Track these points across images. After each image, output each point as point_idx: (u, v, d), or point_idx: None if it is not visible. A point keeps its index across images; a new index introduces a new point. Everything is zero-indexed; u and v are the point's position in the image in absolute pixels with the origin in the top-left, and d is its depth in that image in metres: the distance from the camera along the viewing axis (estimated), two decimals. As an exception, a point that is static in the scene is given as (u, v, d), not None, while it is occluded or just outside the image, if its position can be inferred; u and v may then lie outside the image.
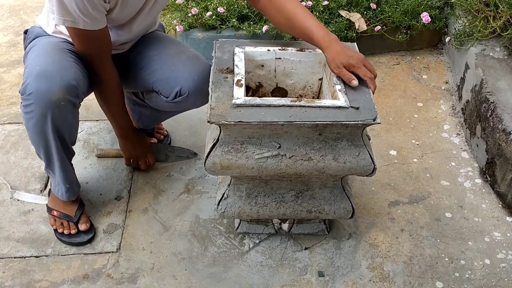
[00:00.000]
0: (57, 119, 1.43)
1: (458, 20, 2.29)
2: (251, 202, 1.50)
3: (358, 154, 1.34)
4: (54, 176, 1.62)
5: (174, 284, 1.54)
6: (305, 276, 1.57)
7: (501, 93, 1.89)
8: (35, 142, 1.53)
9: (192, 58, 1.63)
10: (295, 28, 1.44)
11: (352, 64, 1.34)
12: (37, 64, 1.42)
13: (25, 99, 1.42)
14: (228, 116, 1.26)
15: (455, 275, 1.58)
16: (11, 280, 1.54)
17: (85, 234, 1.66)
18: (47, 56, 1.47)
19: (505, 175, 1.77)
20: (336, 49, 1.36)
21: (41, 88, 1.38)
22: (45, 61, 1.43)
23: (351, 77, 1.34)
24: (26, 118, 1.46)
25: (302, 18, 1.41)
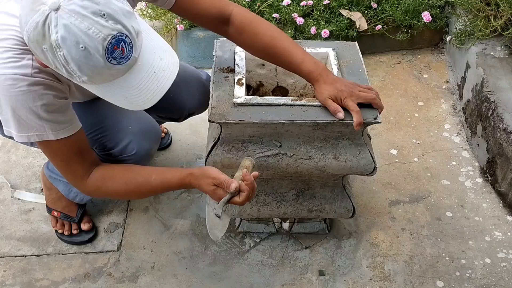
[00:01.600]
0: None
1: (459, 19, 2.29)
2: (252, 201, 1.50)
3: (359, 153, 1.34)
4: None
5: (175, 283, 1.55)
6: (305, 275, 1.58)
7: (502, 92, 1.89)
8: None
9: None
10: (278, 60, 1.34)
11: (340, 97, 1.26)
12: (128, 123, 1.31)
13: (124, 158, 1.39)
14: (229, 115, 1.26)
15: (456, 274, 1.58)
16: (12, 279, 1.55)
17: (86, 233, 1.66)
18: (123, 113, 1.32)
19: (505, 175, 1.77)
20: (325, 82, 1.27)
21: (143, 147, 1.34)
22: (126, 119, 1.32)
23: (337, 110, 1.25)
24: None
25: (284, 51, 1.30)
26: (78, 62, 0.93)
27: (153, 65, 1.03)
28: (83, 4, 0.90)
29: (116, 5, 0.94)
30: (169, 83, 1.05)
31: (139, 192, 1.30)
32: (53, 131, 1.14)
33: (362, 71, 1.43)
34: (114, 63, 0.95)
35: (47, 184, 1.65)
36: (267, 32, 1.32)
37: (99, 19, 0.91)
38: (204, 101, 1.59)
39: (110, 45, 0.93)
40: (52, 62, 0.96)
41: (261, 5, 2.35)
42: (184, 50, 2.42)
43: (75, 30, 0.90)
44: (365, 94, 1.28)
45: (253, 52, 1.38)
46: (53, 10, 0.90)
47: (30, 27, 0.92)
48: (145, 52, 1.02)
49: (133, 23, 0.97)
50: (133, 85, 1.02)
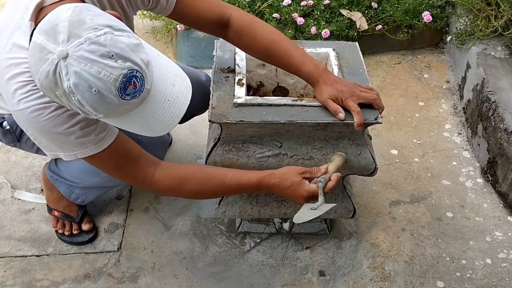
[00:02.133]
0: None
1: (459, 19, 2.29)
2: (252, 201, 1.50)
3: (360, 153, 1.34)
4: (76, 188, 1.59)
5: (175, 283, 1.54)
6: (306, 275, 1.57)
7: (502, 93, 1.89)
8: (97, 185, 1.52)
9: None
10: (278, 62, 1.34)
11: (341, 98, 1.25)
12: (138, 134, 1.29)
13: None
14: (229, 115, 1.26)
15: (456, 274, 1.58)
16: (12, 279, 1.55)
17: (86, 233, 1.66)
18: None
19: (506, 175, 1.76)
20: (325, 83, 1.27)
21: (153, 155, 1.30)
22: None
23: (337, 110, 1.25)
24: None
25: (284, 53, 1.30)
26: (92, 104, 0.93)
27: (166, 93, 1.02)
28: (90, 49, 0.89)
29: (123, 43, 0.92)
30: (184, 108, 1.04)
31: (213, 193, 1.32)
32: (94, 144, 1.14)
33: (362, 71, 1.43)
34: (128, 99, 0.95)
35: (48, 184, 1.64)
36: (266, 34, 1.31)
37: (108, 61, 0.90)
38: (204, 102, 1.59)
39: (122, 83, 0.92)
40: (67, 105, 0.96)
41: (261, 5, 2.35)
42: (184, 50, 2.42)
43: (86, 76, 0.90)
44: (366, 94, 1.28)
45: (253, 55, 1.38)
46: (61, 59, 0.89)
47: (42, 76, 0.91)
48: (157, 81, 1.01)
49: (141, 55, 0.95)
50: (149, 114, 1.01)
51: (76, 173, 1.52)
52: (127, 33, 0.95)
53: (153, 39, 2.58)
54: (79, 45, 0.89)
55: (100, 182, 1.50)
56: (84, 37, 0.89)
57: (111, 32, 0.91)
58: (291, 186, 1.22)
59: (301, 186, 1.22)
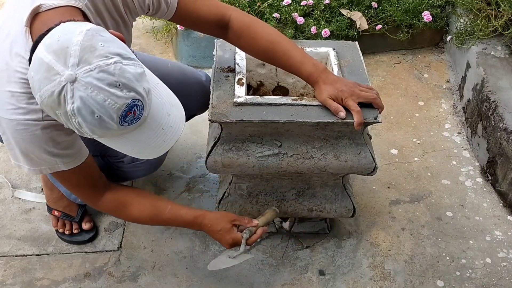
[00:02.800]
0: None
1: (459, 19, 2.29)
2: (252, 201, 1.50)
3: (359, 152, 1.34)
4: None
5: (175, 282, 1.55)
6: (306, 274, 1.58)
7: (502, 92, 1.89)
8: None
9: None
10: (278, 63, 1.36)
11: (341, 97, 1.26)
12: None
13: (136, 165, 1.48)
14: (229, 114, 1.26)
15: (456, 274, 1.58)
16: (12, 279, 1.55)
17: (87, 233, 1.66)
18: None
19: (506, 174, 1.77)
20: (324, 83, 1.28)
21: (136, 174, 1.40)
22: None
23: (338, 109, 1.26)
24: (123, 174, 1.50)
25: (284, 53, 1.31)
26: (91, 127, 0.94)
27: (162, 122, 1.04)
28: (99, 77, 0.90)
29: (130, 73, 0.93)
30: (175, 138, 1.07)
31: (150, 221, 1.41)
32: (64, 163, 1.20)
33: (362, 71, 1.43)
34: (126, 125, 0.96)
35: (48, 184, 1.65)
36: (265, 35, 1.32)
37: (114, 90, 0.91)
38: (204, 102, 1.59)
39: (124, 112, 0.93)
40: (64, 123, 0.97)
41: (261, 5, 2.35)
42: (184, 49, 2.42)
43: (91, 102, 0.90)
44: (365, 93, 1.28)
45: (253, 55, 1.39)
46: (69, 82, 0.89)
47: (45, 94, 0.92)
48: (154, 109, 1.02)
49: (144, 84, 0.97)
50: (141, 140, 1.03)
51: None
52: (134, 61, 0.96)
53: (153, 39, 2.58)
54: (88, 72, 0.89)
55: None
56: (94, 64, 0.90)
57: (120, 61, 0.92)
58: (220, 231, 1.34)
59: (228, 233, 1.34)
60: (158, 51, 2.55)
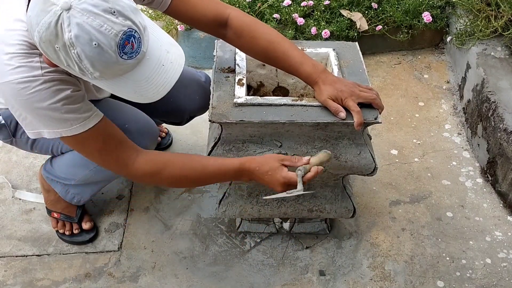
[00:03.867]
0: None
1: (459, 20, 2.29)
2: (252, 201, 1.51)
3: (359, 153, 1.34)
4: (71, 188, 1.58)
5: (175, 283, 1.55)
6: (306, 275, 1.58)
7: (502, 93, 1.89)
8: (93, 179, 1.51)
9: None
10: (277, 63, 1.35)
11: (340, 97, 1.26)
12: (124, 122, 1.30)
13: None
14: (229, 115, 1.26)
15: (456, 274, 1.58)
16: (13, 279, 1.55)
17: (87, 233, 1.66)
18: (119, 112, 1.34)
19: (506, 175, 1.77)
20: (324, 83, 1.28)
21: (140, 145, 1.29)
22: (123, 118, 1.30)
23: (338, 109, 1.25)
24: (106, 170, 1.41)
25: (283, 54, 1.30)
26: (91, 59, 0.95)
27: (161, 58, 1.05)
28: (94, 3, 0.92)
29: (124, 2, 0.96)
30: (177, 75, 1.08)
31: (194, 178, 1.28)
32: (79, 123, 1.14)
33: (362, 71, 1.43)
34: (125, 58, 0.97)
35: (45, 185, 1.64)
36: (265, 35, 1.32)
37: (110, 16, 0.93)
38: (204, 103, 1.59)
39: (122, 40, 0.95)
40: (64, 61, 0.97)
41: (261, 6, 2.35)
42: (185, 50, 2.38)
43: (88, 28, 0.92)
44: (365, 94, 1.28)
45: (252, 55, 1.39)
46: (65, 10, 0.91)
47: (42, 28, 0.93)
48: (153, 47, 1.04)
49: (139, 18, 0.99)
50: (143, 78, 1.04)
51: (66, 168, 1.52)
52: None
53: (153, 40, 2.58)
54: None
55: (89, 175, 1.48)
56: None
57: None
58: (268, 171, 1.21)
59: (278, 172, 1.20)
60: (158, 52, 2.55)
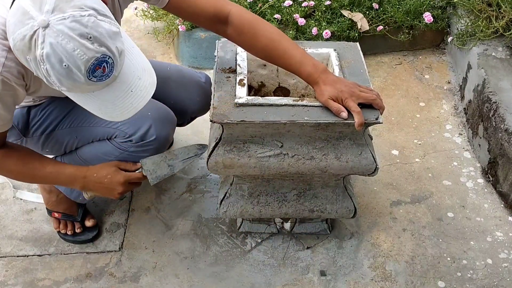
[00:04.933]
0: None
1: (460, 20, 2.29)
2: (253, 202, 1.51)
3: (360, 153, 1.34)
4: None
5: (176, 283, 1.55)
6: (307, 275, 1.58)
7: (503, 93, 1.89)
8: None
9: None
10: (278, 62, 1.35)
11: (341, 98, 1.26)
12: (147, 110, 1.30)
13: (144, 145, 1.42)
14: (230, 115, 1.26)
15: (457, 274, 1.58)
16: (14, 279, 1.55)
17: (89, 231, 1.66)
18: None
19: (507, 175, 1.77)
20: (325, 83, 1.28)
21: (162, 133, 1.38)
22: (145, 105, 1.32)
23: (340, 109, 1.25)
24: (129, 158, 1.44)
25: (284, 53, 1.30)
26: (59, 77, 0.96)
27: (131, 84, 1.06)
28: (71, 26, 0.93)
29: (103, 28, 0.96)
30: (143, 103, 1.08)
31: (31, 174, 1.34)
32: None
33: (363, 72, 1.43)
34: (94, 81, 0.99)
35: (45, 187, 1.65)
36: (266, 33, 1.31)
37: (85, 42, 0.94)
38: (205, 104, 1.59)
39: (93, 66, 0.96)
40: (34, 70, 0.99)
41: (262, 6, 2.36)
42: (185, 50, 2.43)
43: (61, 50, 0.93)
44: (365, 94, 1.28)
45: (252, 53, 1.38)
46: (41, 27, 0.92)
47: (17, 37, 0.95)
48: (125, 71, 1.05)
49: (117, 43, 0.99)
50: (109, 99, 1.05)
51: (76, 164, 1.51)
52: (109, 19, 0.98)
53: (154, 40, 2.59)
54: (61, 20, 0.92)
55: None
56: (68, 13, 0.93)
57: (95, 15, 0.95)
58: (108, 175, 1.36)
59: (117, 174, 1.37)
60: (159, 52, 2.56)
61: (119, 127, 1.42)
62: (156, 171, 1.43)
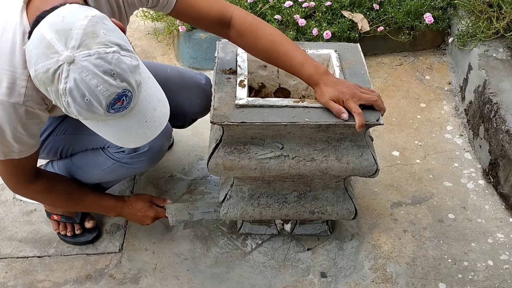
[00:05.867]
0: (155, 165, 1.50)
1: (461, 21, 2.29)
2: (254, 203, 1.50)
3: (361, 154, 1.34)
4: None
5: (176, 284, 1.54)
6: (307, 277, 1.57)
7: (504, 94, 1.89)
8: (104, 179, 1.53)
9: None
10: (279, 63, 1.35)
11: (342, 99, 1.25)
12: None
13: (136, 156, 1.42)
14: (231, 116, 1.26)
15: (458, 276, 1.58)
16: (13, 280, 1.55)
17: (89, 233, 1.66)
18: None
19: (508, 176, 1.76)
20: (326, 84, 1.28)
21: (156, 144, 1.37)
22: None
23: (340, 111, 1.25)
24: (122, 168, 1.46)
25: (285, 55, 1.31)
26: (79, 109, 0.97)
27: (146, 115, 1.07)
28: (96, 63, 0.93)
29: (125, 64, 0.96)
30: (156, 133, 1.10)
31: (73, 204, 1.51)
32: (19, 151, 1.20)
33: (364, 73, 1.43)
34: (112, 112, 0.99)
35: None
36: (267, 35, 1.32)
37: (108, 78, 0.94)
38: (205, 106, 1.59)
39: (113, 100, 0.97)
40: (53, 100, 1.00)
41: (263, 7, 2.35)
42: (186, 51, 2.43)
43: (84, 85, 0.93)
44: (367, 95, 1.28)
45: (254, 55, 1.39)
46: (66, 63, 0.92)
47: (40, 69, 0.94)
48: (141, 102, 1.05)
49: (137, 76, 1.00)
50: (123, 128, 1.06)
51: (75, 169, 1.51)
52: (131, 53, 0.99)
53: (155, 41, 2.58)
54: (87, 56, 0.92)
55: (101, 175, 1.49)
56: (94, 50, 0.93)
57: (118, 51, 0.96)
58: (141, 209, 1.55)
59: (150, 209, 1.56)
60: (159, 53, 2.55)
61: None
62: (177, 215, 1.57)
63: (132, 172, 1.56)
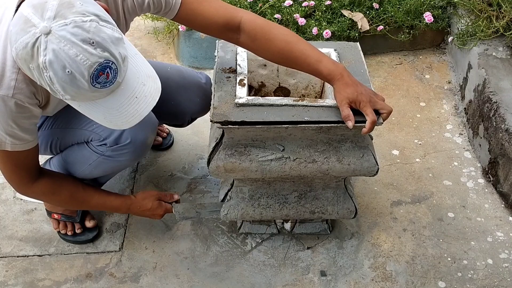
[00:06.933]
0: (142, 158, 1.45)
1: (461, 20, 2.29)
2: (254, 204, 1.50)
3: (362, 155, 1.34)
4: None
5: (176, 283, 1.55)
6: (307, 275, 1.58)
7: (504, 93, 1.89)
8: (93, 174, 1.51)
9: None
10: (295, 63, 1.31)
11: (359, 101, 1.22)
12: None
13: (118, 148, 1.40)
14: (230, 115, 1.26)
15: (458, 275, 1.58)
16: (14, 279, 1.55)
17: (90, 232, 1.66)
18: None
19: (507, 175, 1.77)
20: (346, 82, 1.24)
21: (138, 136, 1.36)
22: None
23: (349, 117, 1.22)
24: (107, 162, 1.43)
25: (301, 53, 1.27)
26: (63, 84, 0.96)
27: (136, 90, 1.05)
28: (73, 31, 0.92)
29: (105, 33, 0.96)
30: (148, 109, 1.08)
31: (78, 204, 1.51)
32: (12, 144, 1.19)
33: (364, 72, 1.43)
34: (98, 87, 0.98)
35: None
36: (280, 36, 1.29)
37: (87, 47, 0.93)
38: (205, 105, 1.59)
39: (96, 71, 0.95)
40: (37, 79, 0.99)
41: (262, 6, 2.35)
42: (186, 50, 2.43)
43: (63, 56, 0.93)
44: (383, 104, 1.25)
45: (268, 58, 1.35)
46: (43, 34, 0.92)
47: (20, 46, 0.94)
48: (129, 77, 1.04)
49: (120, 49, 0.99)
50: (114, 107, 1.04)
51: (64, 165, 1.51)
52: (111, 25, 0.98)
53: (155, 40, 2.58)
54: (63, 26, 0.92)
55: (88, 170, 1.47)
56: (70, 19, 0.93)
57: (97, 20, 0.95)
58: (150, 208, 1.53)
59: (159, 207, 1.55)
60: (159, 52, 2.56)
61: (94, 129, 1.40)
62: (184, 213, 1.59)
63: (118, 166, 1.51)
